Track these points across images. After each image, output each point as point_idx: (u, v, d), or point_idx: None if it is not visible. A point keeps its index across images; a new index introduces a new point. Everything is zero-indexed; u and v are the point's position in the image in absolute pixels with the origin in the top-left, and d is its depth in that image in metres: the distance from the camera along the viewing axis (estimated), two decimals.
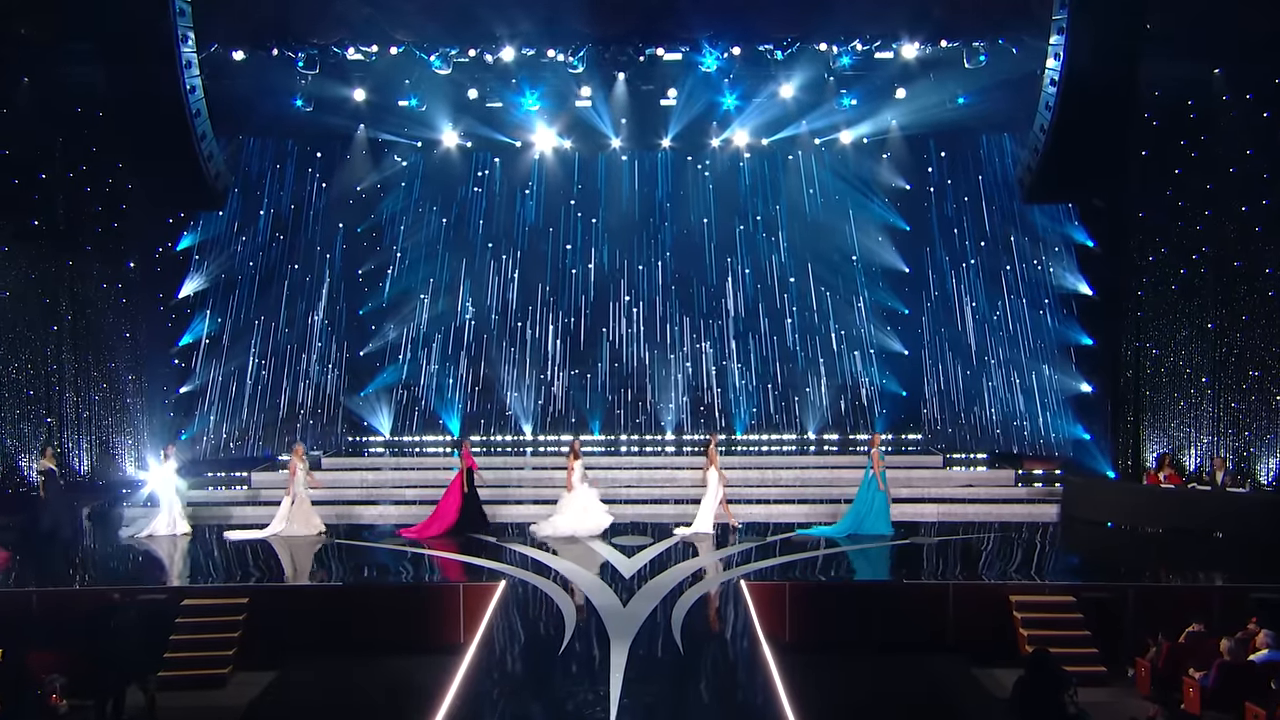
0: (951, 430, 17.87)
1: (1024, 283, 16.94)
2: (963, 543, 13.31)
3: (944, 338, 18.00)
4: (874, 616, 10.88)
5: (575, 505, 13.69)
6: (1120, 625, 10.59)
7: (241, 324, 17.31)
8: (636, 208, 19.14)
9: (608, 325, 19.27)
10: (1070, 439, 16.59)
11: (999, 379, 17.25)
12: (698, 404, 19.30)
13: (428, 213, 18.86)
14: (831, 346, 19.00)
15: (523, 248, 19.13)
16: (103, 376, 16.40)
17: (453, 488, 13.89)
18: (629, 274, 19.26)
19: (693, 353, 19.31)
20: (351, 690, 9.71)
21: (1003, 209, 17.13)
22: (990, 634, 10.65)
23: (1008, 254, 17.08)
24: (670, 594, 10.94)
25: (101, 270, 16.29)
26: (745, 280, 19.17)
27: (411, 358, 18.87)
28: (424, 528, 13.69)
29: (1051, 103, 12.04)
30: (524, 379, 19.16)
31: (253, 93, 15.35)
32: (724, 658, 9.56)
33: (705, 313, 19.24)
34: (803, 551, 12.88)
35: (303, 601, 11.00)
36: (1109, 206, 15.92)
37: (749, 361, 19.13)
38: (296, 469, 13.70)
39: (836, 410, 19.14)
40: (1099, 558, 12.78)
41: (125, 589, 10.58)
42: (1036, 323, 16.84)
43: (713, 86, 16.37)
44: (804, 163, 18.76)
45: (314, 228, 17.98)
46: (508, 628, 10.11)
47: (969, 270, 17.57)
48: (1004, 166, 16.94)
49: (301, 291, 17.86)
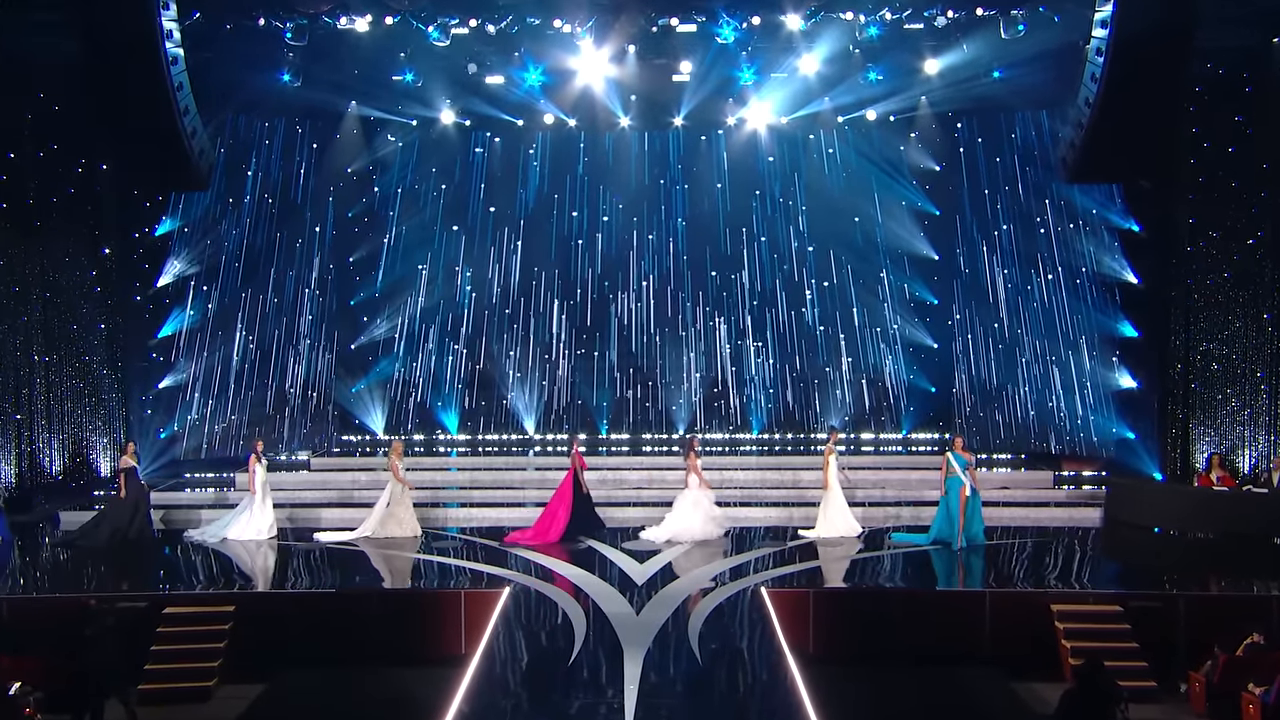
0: (984, 429, 17.74)
1: (1064, 271, 16.80)
2: (999, 548, 13.20)
3: (976, 330, 17.88)
4: (904, 626, 10.79)
5: (694, 507, 13.56)
6: (1172, 637, 10.46)
7: (225, 315, 17.25)
8: (646, 191, 19.07)
9: (615, 317, 19.20)
10: (1113, 438, 16.46)
11: (1036, 374, 17.13)
12: (711, 400, 19.23)
13: (423, 196, 18.80)
14: (855, 339, 18.90)
15: (524, 234, 19.06)
16: (76, 371, 16.36)
17: (562, 489, 13.80)
18: (638, 261, 19.18)
19: (706, 348, 19.23)
20: (345, 704, 9.63)
21: (1041, 191, 17.01)
22: (1030, 646, 10.54)
23: (1046, 240, 16.96)
24: (686, 601, 10.87)
25: (75, 257, 16.24)
26: (762, 268, 19.08)
27: (406, 350, 18.82)
28: (535, 533, 13.53)
29: (1098, 74, 11.95)
30: (526, 373, 19.10)
31: (237, 66, 15.29)
32: (744, 669, 9.48)
33: (719, 305, 19.17)
34: (825, 558, 12.80)
35: (292, 609, 10.95)
36: (1156, 187, 15.79)
37: (765, 355, 19.05)
38: (396, 467, 13.66)
39: (860, 406, 19.06)
40: (1147, 565, 12.68)
41: (102, 595, 10.54)
42: (1077, 313, 16.71)
43: (729, 60, 16.29)
44: (826, 142, 18.66)
45: (302, 212, 17.92)
46: (512, 637, 10.03)
47: (1003, 257, 17.44)
48: (1042, 146, 16.80)
49: (289, 280, 17.79)
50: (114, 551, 13.00)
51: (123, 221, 16.59)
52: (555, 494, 13.82)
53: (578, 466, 13.86)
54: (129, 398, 16.70)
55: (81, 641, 9.04)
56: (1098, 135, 12.44)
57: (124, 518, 13.37)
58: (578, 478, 13.81)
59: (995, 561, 12.65)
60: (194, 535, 13.75)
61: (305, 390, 18.00)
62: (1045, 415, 17.09)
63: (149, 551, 13.22)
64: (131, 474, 13.60)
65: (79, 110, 15.28)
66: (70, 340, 16.28)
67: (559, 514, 13.58)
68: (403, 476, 13.72)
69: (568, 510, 13.60)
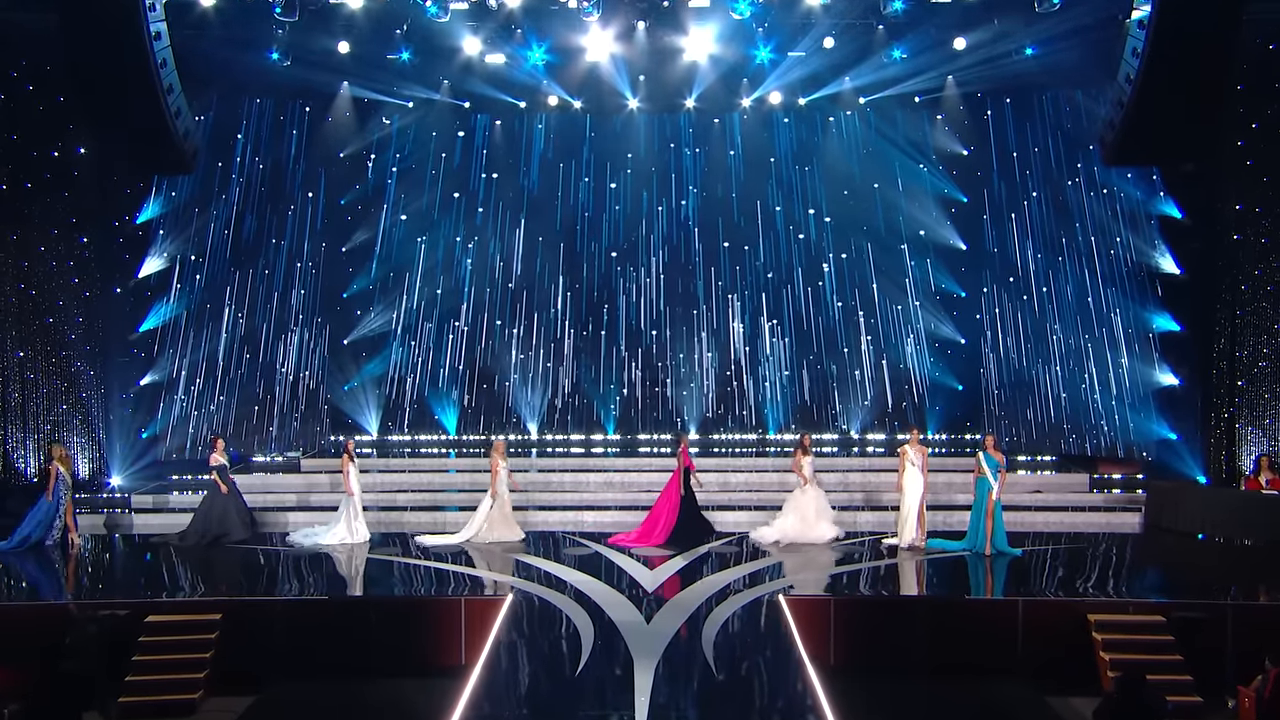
0: (1015, 429, 17.65)
1: (1100, 260, 16.70)
2: (1031, 555, 13.14)
3: (1006, 323, 17.79)
4: (931, 636, 10.74)
5: (804, 507, 13.57)
6: (1219, 649, 10.40)
7: (210, 308, 17.25)
8: (655, 176, 19.04)
9: (622, 310, 19.18)
10: (1153, 439, 16.35)
11: (1070, 370, 17.03)
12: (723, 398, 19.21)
13: (420, 182, 18.79)
14: (878, 334, 18.85)
15: (526, 222, 19.04)
16: (52, 367, 16.36)
17: (669, 490, 13.85)
18: (647, 249, 19.15)
19: (719, 342, 19.20)
20: (338, 718, 9.61)
21: (1075, 176, 16.91)
22: (1065, 657, 10.51)
23: (1081, 227, 16.85)
24: (700, 609, 10.85)
25: (50, 247, 16.22)
26: (779, 258, 19.04)
27: (402, 344, 18.81)
28: (638, 535, 13.64)
29: (1140, 49, 11.86)
30: (528, 371, 19.09)
31: (224, 44, 15.28)
32: (761, 681, 9.46)
33: (732, 295, 19.12)
34: (845, 565, 12.75)
35: (283, 617, 10.91)
36: (1201, 170, 15.68)
37: (781, 351, 19.01)
38: (498, 466, 13.65)
39: (882, 406, 19.00)
40: (1190, 573, 12.60)
41: (81, 602, 10.54)
42: (1114, 306, 16.60)
43: (745, 37, 16.26)
44: (846, 125, 18.61)
45: (292, 198, 17.93)
46: (516, 646, 10.01)
47: (1035, 246, 17.36)
48: (1078, 127, 16.71)
49: (278, 271, 17.79)
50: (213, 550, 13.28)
51: (102, 208, 16.57)
52: (661, 495, 13.94)
53: (684, 466, 13.86)
54: (109, 395, 16.70)
55: (60, 651, 9.03)
56: (1139, 114, 12.37)
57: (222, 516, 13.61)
58: (685, 478, 13.80)
59: (1028, 568, 12.59)
60: (294, 537, 13.84)
61: (295, 387, 17.99)
62: (1080, 414, 16.97)
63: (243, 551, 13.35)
64: (223, 471, 13.80)
65: (55, 90, 15.31)
66: (46, 334, 16.26)
67: (662, 516, 13.70)
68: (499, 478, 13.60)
69: (671, 513, 13.67)
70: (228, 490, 13.73)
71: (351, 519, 13.64)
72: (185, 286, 17.05)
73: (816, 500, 13.71)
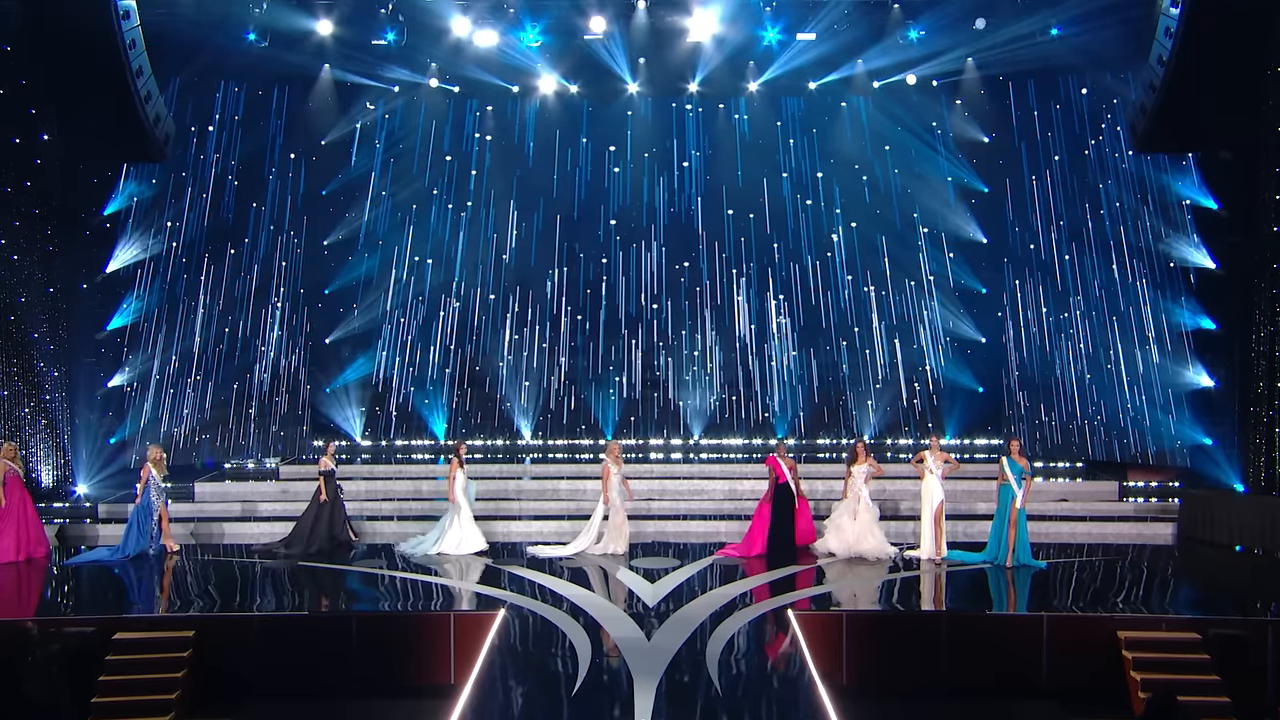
0: (1039, 433, 17.65)
1: (1130, 254, 16.74)
2: (1057, 568, 13.12)
3: (1029, 321, 17.80)
4: (950, 654, 10.71)
5: (860, 519, 13.58)
6: (1258, 669, 10.37)
7: (182, 304, 17.28)
8: (657, 164, 19.06)
9: (621, 306, 19.21)
10: (1187, 445, 16.40)
11: (1098, 371, 17.06)
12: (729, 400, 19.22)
13: (406, 171, 18.80)
14: (893, 332, 18.86)
15: (519, 211, 19.04)
16: (15, 368, 16.31)
17: (763, 503, 13.99)
18: (647, 242, 19.17)
19: (723, 342, 19.20)
20: None
21: (1104, 164, 16.95)
22: (1093, 677, 10.49)
23: (1110, 219, 16.90)
24: (703, 625, 10.82)
25: (12, 240, 16.18)
26: (786, 252, 19.05)
27: (387, 344, 18.81)
28: (742, 547, 13.86)
29: (1173, 28, 11.87)
30: (520, 373, 19.09)
31: (197, 24, 15.30)
32: (770, 701, 9.42)
33: (737, 291, 19.13)
34: (858, 578, 12.74)
35: (259, 634, 10.88)
36: (1238, 158, 15.64)
37: (789, 350, 19.00)
38: (611, 473, 13.70)
39: (896, 408, 19.01)
40: (1228, 587, 12.60)
41: (44, 619, 10.49)
42: (1146, 303, 16.65)
43: (751, 16, 16.29)
44: (859, 110, 18.63)
45: (271, 188, 17.93)
46: (508, 665, 9.98)
47: (1060, 240, 17.38)
48: (1105, 115, 16.71)
49: (255, 265, 17.79)
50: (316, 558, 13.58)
51: (67, 199, 16.55)
52: (759, 503, 14.11)
53: (780, 474, 13.92)
54: (74, 398, 16.67)
55: (20, 671, 8.99)
56: (1172, 98, 12.39)
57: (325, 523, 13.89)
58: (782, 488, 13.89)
59: (1053, 582, 12.56)
60: (403, 548, 14.00)
61: (274, 389, 17.99)
62: (1109, 418, 17.03)
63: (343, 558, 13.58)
64: (330, 477, 14.03)
65: (17, 72, 15.25)
66: (7, 334, 16.22)
67: (757, 526, 13.87)
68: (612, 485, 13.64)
69: (764, 523, 13.82)
70: (327, 498, 13.96)
71: (461, 527, 13.81)
72: (156, 282, 17.06)
73: (869, 511, 13.66)
